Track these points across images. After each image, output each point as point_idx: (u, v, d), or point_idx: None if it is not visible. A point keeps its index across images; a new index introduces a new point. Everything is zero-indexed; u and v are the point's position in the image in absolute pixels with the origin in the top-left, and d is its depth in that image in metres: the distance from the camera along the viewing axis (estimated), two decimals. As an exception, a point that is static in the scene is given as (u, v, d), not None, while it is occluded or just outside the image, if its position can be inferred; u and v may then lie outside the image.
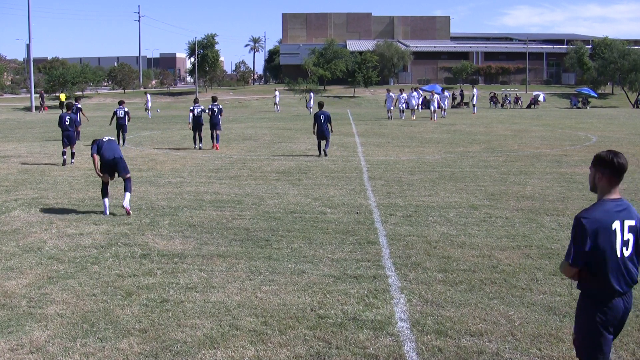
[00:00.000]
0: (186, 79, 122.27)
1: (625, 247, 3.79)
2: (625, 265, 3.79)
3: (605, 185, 3.91)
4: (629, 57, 68.74)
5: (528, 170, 15.82)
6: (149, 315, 6.07)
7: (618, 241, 3.76)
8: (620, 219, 3.80)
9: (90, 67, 76.05)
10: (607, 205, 3.84)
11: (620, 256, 3.77)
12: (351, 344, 5.40)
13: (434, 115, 37.51)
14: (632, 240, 3.82)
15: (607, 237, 3.73)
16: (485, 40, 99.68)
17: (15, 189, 13.36)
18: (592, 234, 3.72)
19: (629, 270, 3.81)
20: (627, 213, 3.85)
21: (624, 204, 3.88)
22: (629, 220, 3.83)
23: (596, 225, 3.73)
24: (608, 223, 3.75)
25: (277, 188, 13.28)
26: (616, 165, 3.87)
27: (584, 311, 3.87)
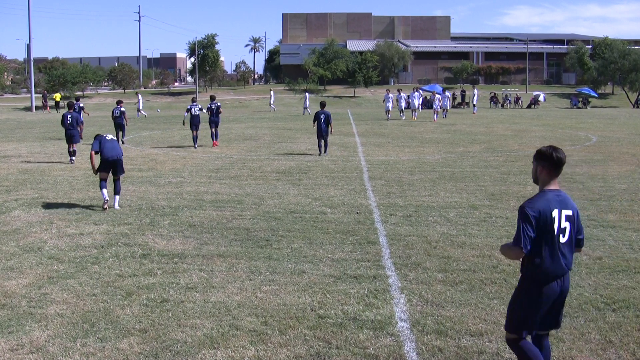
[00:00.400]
0: (186, 79, 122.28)
1: (562, 234, 4.19)
2: (561, 250, 4.18)
3: (546, 177, 4.29)
4: (629, 57, 68.74)
5: (528, 170, 15.81)
6: (149, 315, 6.07)
7: (556, 228, 4.15)
8: (559, 208, 4.19)
9: (91, 67, 76.07)
10: (548, 195, 4.22)
11: (557, 242, 4.16)
12: (351, 344, 5.40)
13: (435, 116, 37.30)
14: (568, 228, 4.21)
15: (547, 224, 4.12)
16: (486, 40, 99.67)
17: (15, 189, 13.37)
18: (535, 222, 4.11)
19: (565, 256, 4.20)
20: (565, 203, 4.24)
21: (562, 195, 4.26)
22: (567, 210, 4.22)
23: (538, 214, 4.12)
24: (548, 212, 4.14)
25: (278, 188, 13.28)
26: (555, 159, 4.23)
27: (523, 291, 4.27)
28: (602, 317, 5.96)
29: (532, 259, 4.18)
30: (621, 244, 8.54)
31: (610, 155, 18.76)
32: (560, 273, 4.20)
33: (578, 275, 7.21)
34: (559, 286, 4.23)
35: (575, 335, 5.53)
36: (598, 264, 7.66)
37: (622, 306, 6.22)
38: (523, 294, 4.28)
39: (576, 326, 5.73)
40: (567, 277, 4.28)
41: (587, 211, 10.66)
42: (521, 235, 4.10)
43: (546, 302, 4.22)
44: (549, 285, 4.19)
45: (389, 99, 38.18)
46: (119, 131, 23.48)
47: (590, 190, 12.66)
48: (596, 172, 15.34)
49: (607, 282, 6.98)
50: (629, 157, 18.32)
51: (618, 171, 15.45)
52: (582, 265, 7.57)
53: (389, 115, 38.04)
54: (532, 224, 4.10)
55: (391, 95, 38.81)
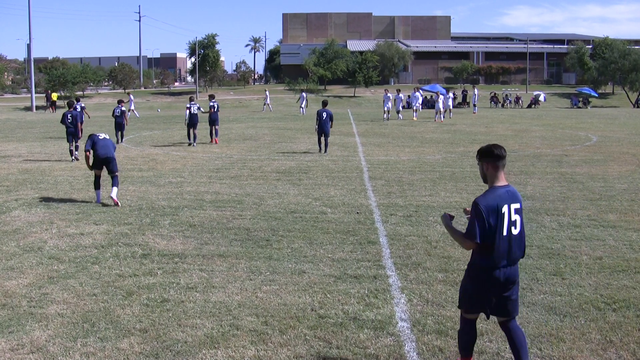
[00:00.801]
0: (187, 78, 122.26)
1: (513, 226, 4.48)
2: (511, 242, 4.47)
3: (493, 173, 4.56)
4: (629, 57, 68.72)
5: (528, 170, 15.82)
6: (149, 315, 6.07)
7: (506, 222, 4.44)
8: (508, 203, 4.47)
9: (91, 67, 76.04)
10: (498, 191, 4.51)
11: (507, 234, 4.44)
12: (352, 343, 5.40)
13: (437, 116, 36.59)
14: (519, 220, 4.52)
15: (497, 218, 4.41)
16: (486, 40, 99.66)
17: (15, 189, 13.37)
18: (487, 216, 4.40)
19: (516, 246, 4.51)
20: (513, 198, 4.53)
21: (511, 190, 4.56)
22: (515, 203, 4.52)
23: (489, 209, 4.41)
24: (499, 207, 4.43)
25: (278, 188, 13.28)
26: (496, 154, 4.53)
27: (472, 277, 4.61)
28: (602, 317, 5.96)
29: (484, 249, 4.45)
30: (621, 244, 8.54)
31: (610, 155, 18.76)
32: (510, 262, 4.49)
33: (578, 275, 7.21)
34: (505, 275, 4.50)
35: (575, 335, 5.53)
36: (598, 264, 7.66)
37: (623, 306, 6.22)
38: (471, 279, 4.62)
39: (577, 326, 5.74)
40: (515, 267, 4.55)
41: (587, 211, 10.66)
42: (475, 229, 4.41)
43: (492, 288, 4.52)
44: (496, 273, 4.47)
45: (388, 99, 37.85)
46: (118, 130, 23.90)
47: (591, 190, 12.66)
48: (596, 172, 15.33)
49: (608, 282, 6.98)
50: (629, 157, 18.32)
51: (618, 171, 15.45)
52: (583, 265, 7.57)
53: (388, 115, 37.73)
54: (484, 218, 4.39)
55: (390, 95, 38.39)
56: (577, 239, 8.84)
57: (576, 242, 8.68)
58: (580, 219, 10.05)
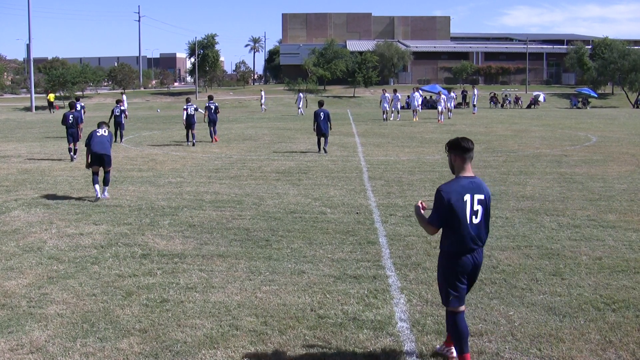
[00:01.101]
0: (186, 79, 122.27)
1: (474, 215, 4.75)
2: (473, 229, 4.75)
3: (460, 164, 4.84)
4: (629, 57, 68.75)
5: (528, 170, 15.82)
6: (149, 315, 6.07)
7: (468, 210, 4.71)
8: (471, 193, 4.74)
9: (91, 67, 76.03)
10: (462, 181, 4.79)
11: (470, 222, 4.73)
12: (351, 344, 5.40)
13: (440, 117, 36.03)
14: (480, 210, 4.77)
15: (459, 206, 4.69)
16: (485, 41, 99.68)
17: (15, 189, 13.37)
18: (448, 203, 4.69)
19: (478, 234, 4.78)
20: (478, 189, 4.78)
21: (476, 181, 4.81)
22: (479, 194, 4.77)
23: (451, 196, 4.70)
24: (461, 195, 4.71)
25: (277, 188, 13.28)
26: (463, 146, 4.79)
27: (443, 264, 4.90)
28: (602, 317, 5.96)
29: (448, 236, 4.82)
30: (621, 244, 8.54)
31: (609, 156, 18.76)
32: (473, 248, 4.79)
33: (578, 275, 7.22)
34: (472, 259, 4.82)
35: (575, 336, 5.53)
36: (598, 264, 7.66)
37: (622, 306, 6.22)
38: (443, 268, 4.92)
39: (576, 326, 5.74)
40: (479, 252, 4.87)
41: (587, 211, 10.67)
42: (435, 215, 4.75)
43: (462, 272, 4.82)
44: (463, 258, 4.78)
45: (386, 99, 37.26)
46: (117, 130, 24.31)
47: (590, 191, 12.67)
48: (596, 172, 15.34)
49: (607, 282, 6.98)
50: (629, 158, 18.32)
51: (618, 171, 15.45)
52: (582, 266, 7.57)
53: (386, 115, 37.42)
54: (445, 205, 4.70)
55: (387, 95, 37.69)
56: (577, 239, 8.85)
57: (575, 242, 8.68)
58: (579, 219, 10.05)
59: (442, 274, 4.93)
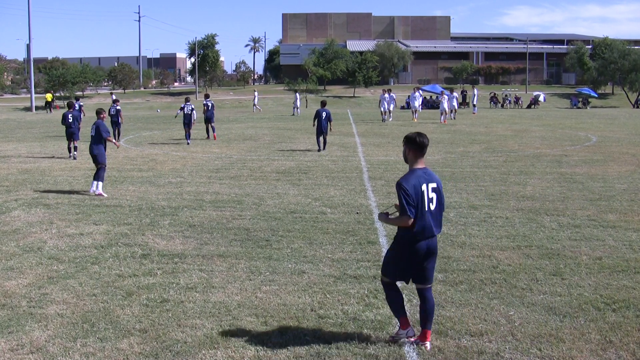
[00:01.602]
0: (186, 79, 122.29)
1: (431, 203, 5.15)
2: (430, 217, 5.13)
3: (413, 157, 5.25)
4: (629, 57, 68.76)
5: (528, 170, 15.82)
6: (149, 315, 6.07)
7: (426, 199, 5.10)
8: (426, 182, 5.14)
9: (91, 67, 76.07)
10: (417, 172, 5.17)
11: (427, 210, 5.11)
12: (352, 344, 5.40)
13: (443, 117, 35.03)
14: (435, 198, 5.18)
15: (419, 196, 5.07)
16: (486, 41, 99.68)
17: (15, 189, 13.37)
18: (412, 193, 5.03)
19: (434, 221, 5.15)
20: (430, 178, 5.20)
21: (428, 172, 5.24)
22: (432, 183, 5.19)
23: (412, 188, 5.06)
24: (419, 186, 5.09)
25: (277, 188, 13.28)
26: (418, 142, 5.19)
27: (398, 247, 5.23)
28: (602, 317, 5.96)
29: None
30: (621, 244, 8.54)
31: (610, 156, 18.76)
32: (430, 235, 5.14)
33: (578, 275, 7.22)
34: (427, 245, 5.16)
35: (575, 336, 5.53)
36: (598, 264, 7.66)
37: (622, 306, 6.22)
38: (396, 250, 5.26)
39: (576, 326, 5.74)
40: (434, 239, 5.23)
41: (587, 211, 10.66)
42: (405, 206, 5.03)
43: (415, 258, 5.16)
44: (419, 244, 5.12)
45: (385, 100, 36.58)
46: (115, 129, 24.75)
47: (590, 191, 12.66)
48: (596, 172, 15.34)
49: (607, 282, 6.98)
50: (629, 158, 18.32)
51: (618, 171, 15.45)
52: (582, 266, 7.57)
53: (385, 116, 36.75)
54: (411, 195, 5.02)
55: (387, 96, 36.89)
56: (577, 239, 8.84)
57: (576, 242, 8.68)
58: (580, 219, 10.05)
59: (394, 254, 5.30)
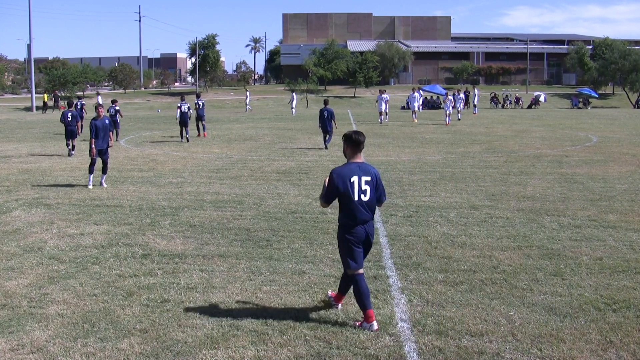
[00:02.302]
0: (187, 79, 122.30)
1: (363, 194, 5.68)
2: (362, 206, 5.69)
3: (350, 152, 5.81)
4: (629, 58, 68.76)
5: (529, 170, 15.82)
6: (149, 316, 6.07)
7: (356, 190, 5.65)
8: (358, 175, 5.69)
9: (91, 67, 76.15)
10: (351, 165, 5.76)
11: (358, 199, 5.66)
12: (352, 344, 5.40)
13: (447, 119, 33.80)
14: (369, 190, 5.71)
15: (347, 186, 5.65)
16: (486, 41, 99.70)
17: (15, 189, 13.37)
18: (337, 183, 5.65)
19: (367, 209, 5.73)
20: (365, 171, 5.74)
21: (363, 165, 5.77)
22: (366, 176, 5.72)
23: (340, 178, 5.66)
24: (348, 177, 5.66)
25: (278, 188, 13.28)
26: (354, 139, 5.76)
27: (341, 234, 5.83)
28: (602, 317, 5.96)
29: (342, 210, 5.78)
30: (622, 245, 8.54)
31: (610, 156, 18.76)
32: (364, 221, 5.73)
33: (578, 275, 7.21)
34: (364, 230, 5.75)
35: (575, 336, 5.53)
36: (598, 264, 7.65)
37: (623, 307, 6.22)
38: (341, 238, 5.84)
39: (577, 326, 5.73)
40: (370, 224, 5.81)
41: (588, 212, 10.66)
42: (324, 192, 5.72)
43: (357, 242, 5.75)
44: (357, 228, 5.73)
45: (382, 100, 35.43)
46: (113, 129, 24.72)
47: (591, 191, 12.66)
48: (596, 172, 15.33)
49: (608, 282, 6.98)
50: (630, 158, 18.31)
51: (618, 172, 15.45)
52: (583, 266, 7.57)
53: (382, 117, 35.46)
54: (335, 185, 5.65)
55: (385, 96, 35.70)
56: (577, 239, 8.84)
57: (576, 242, 8.67)
58: (580, 220, 10.05)
59: (340, 243, 5.86)
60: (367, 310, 5.69)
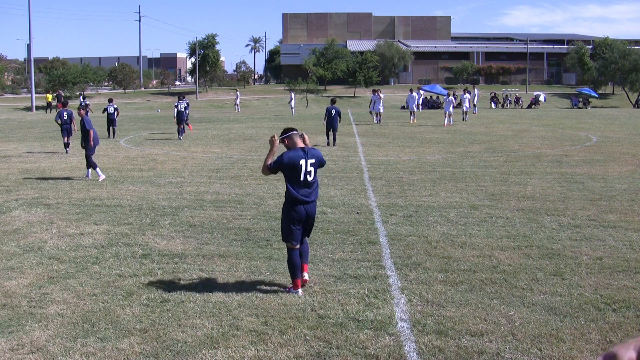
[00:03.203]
0: (187, 79, 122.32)
1: (308, 175, 6.53)
2: (306, 185, 6.53)
3: (292, 143, 6.68)
4: (629, 57, 68.76)
5: (529, 170, 15.82)
6: (149, 315, 6.07)
7: (302, 171, 6.48)
8: (305, 158, 6.53)
9: (91, 67, 76.15)
10: (298, 150, 6.59)
11: (304, 179, 6.50)
12: (352, 344, 5.40)
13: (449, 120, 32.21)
14: (313, 171, 6.55)
15: (294, 168, 6.47)
16: (486, 41, 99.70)
17: (15, 189, 13.37)
18: (285, 163, 6.48)
19: (310, 189, 6.57)
20: (310, 155, 6.58)
21: (306, 149, 6.63)
22: (311, 159, 6.57)
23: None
24: (296, 160, 6.49)
25: (278, 188, 13.28)
26: (287, 129, 6.79)
27: (285, 210, 6.64)
28: (602, 317, 5.96)
29: (288, 188, 6.53)
30: (621, 244, 8.54)
31: (610, 156, 18.76)
32: (306, 201, 6.53)
33: (578, 275, 7.21)
34: (305, 209, 6.56)
35: (575, 336, 5.53)
36: (598, 264, 7.65)
37: (623, 306, 6.22)
38: (285, 213, 6.64)
39: (576, 326, 5.73)
40: (312, 204, 6.63)
41: (588, 211, 10.66)
42: (271, 163, 6.56)
43: (298, 218, 6.54)
44: (298, 207, 6.51)
45: (379, 99, 34.06)
46: (110, 126, 26.40)
47: (591, 191, 12.66)
48: (596, 172, 15.33)
49: (608, 282, 6.98)
50: (630, 158, 18.31)
51: (618, 171, 15.45)
52: (583, 266, 7.57)
53: (377, 117, 34.26)
54: (281, 162, 6.48)
55: (381, 95, 34.59)
56: (577, 239, 8.84)
57: (576, 242, 8.68)
58: (580, 219, 10.05)
59: (283, 218, 6.66)
60: (295, 279, 6.64)
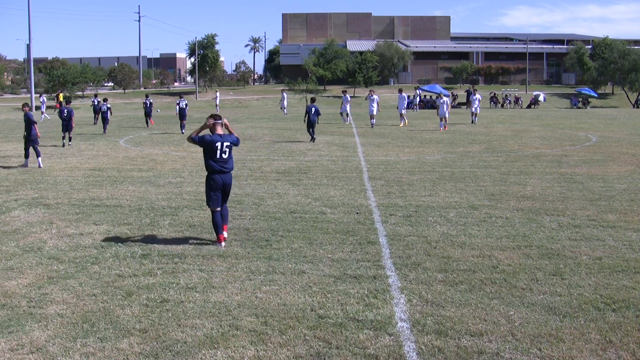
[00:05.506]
0: (186, 79, 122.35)
1: (223, 153, 8.48)
2: (222, 161, 8.51)
3: (213, 127, 8.59)
4: (629, 57, 68.83)
5: (528, 170, 15.82)
6: (149, 315, 6.07)
7: (219, 151, 8.44)
8: (221, 141, 8.47)
9: (91, 67, 76.06)
10: (215, 135, 8.50)
11: (219, 157, 8.47)
12: (351, 344, 5.40)
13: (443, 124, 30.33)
14: (227, 151, 8.52)
15: (212, 147, 8.45)
16: (486, 41, 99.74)
17: (15, 189, 13.36)
18: (206, 142, 8.42)
19: (225, 164, 8.54)
20: (225, 139, 8.52)
21: (223, 135, 8.56)
22: (226, 142, 8.52)
23: (210, 141, 8.44)
24: (214, 142, 8.46)
25: (277, 188, 13.28)
26: (212, 116, 8.66)
27: (207, 180, 8.58)
28: (602, 317, 5.96)
29: (207, 162, 8.50)
30: (621, 244, 8.54)
31: (610, 156, 18.77)
32: (221, 172, 8.49)
33: (578, 275, 7.22)
34: (222, 179, 8.50)
35: (575, 336, 5.53)
36: (598, 264, 7.66)
37: (622, 306, 6.22)
38: (207, 183, 8.56)
39: (576, 326, 5.74)
40: (228, 175, 8.60)
41: (587, 211, 10.66)
42: (197, 138, 8.44)
43: (216, 187, 8.47)
44: (216, 176, 8.48)
45: (374, 101, 32.68)
46: (104, 123, 28.84)
47: (590, 191, 12.67)
48: (596, 172, 15.34)
49: (607, 282, 6.98)
50: (629, 158, 18.32)
51: (618, 171, 15.45)
52: (582, 266, 7.57)
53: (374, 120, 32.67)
54: (203, 141, 8.41)
55: (375, 97, 32.95)
56: (577, 239, 8.85)
57: (576, 242, 8.68)
58: (579, 219, 10.05)
59: (206, 187, 8.54)
60: (219, 235, 8.56)
